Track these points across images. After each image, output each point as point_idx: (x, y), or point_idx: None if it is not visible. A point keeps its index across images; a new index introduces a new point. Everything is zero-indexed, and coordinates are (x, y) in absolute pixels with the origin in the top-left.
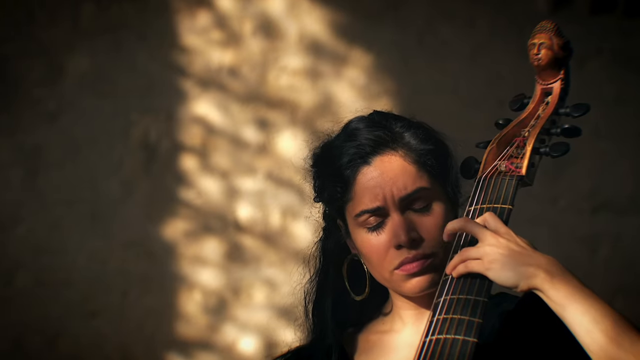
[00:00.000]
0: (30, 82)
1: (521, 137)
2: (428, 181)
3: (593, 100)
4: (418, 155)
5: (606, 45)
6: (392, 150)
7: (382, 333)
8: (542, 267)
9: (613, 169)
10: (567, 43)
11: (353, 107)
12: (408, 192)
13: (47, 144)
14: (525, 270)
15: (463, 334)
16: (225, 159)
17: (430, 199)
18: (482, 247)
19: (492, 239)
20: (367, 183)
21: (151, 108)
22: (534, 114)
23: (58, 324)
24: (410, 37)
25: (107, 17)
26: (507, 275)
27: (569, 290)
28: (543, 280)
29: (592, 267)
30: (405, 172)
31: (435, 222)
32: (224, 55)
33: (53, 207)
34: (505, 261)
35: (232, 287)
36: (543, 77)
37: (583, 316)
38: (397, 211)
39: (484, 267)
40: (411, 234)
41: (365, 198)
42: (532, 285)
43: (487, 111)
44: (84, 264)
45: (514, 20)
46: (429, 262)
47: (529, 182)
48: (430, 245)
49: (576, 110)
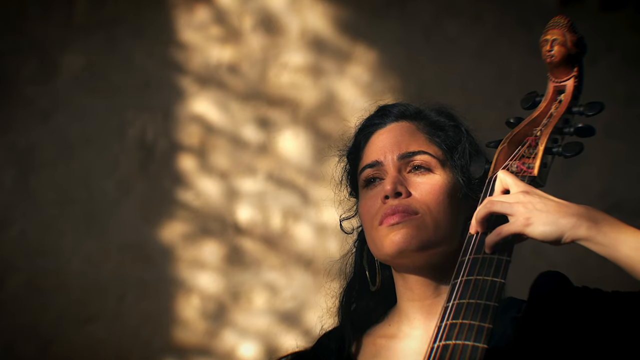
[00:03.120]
0: (22, 80)
1: (533, 136)
2: (436, 152)
3: (604, 98)
4: (434, 129)
5: (617, 42)
6: (410, 121)
7: (389, 338)
8: (583, 216)
9: (625, 169)
10: (581, 39)
11: (357, 105)
12: (409, 150)
13: (40, 143)
14: (567, 222)
15: (473, 340)
16: (224, 159)
17: (433, 167)
18: (514, 206)
19: (522, 196)
20: (376, 143)
21: (148, 106)
22: (546, 113)
23: (51, 329)
24: (416, 33)
25: (101, 12)
26: (550, 230)
27: (615, 231)
28: (588, 228)
29: (604, 271)
30: (413, 136)
31: (430, 185)
32: (223, 51)
33: (46, 209)
34: (544, 215)
35: (231, 292)
36: (556, 74)
37: (637, 251)
38: (394, 168)
39: (522, 225)
40: (398, 186)
41: (370, 155)
42: (578, 236)
43: (496, 109)
44: (78, 268)
45: (523, 16)
46: (410, 217)
47: (541, 183)
48: (417, 203)
49: (590, 109)
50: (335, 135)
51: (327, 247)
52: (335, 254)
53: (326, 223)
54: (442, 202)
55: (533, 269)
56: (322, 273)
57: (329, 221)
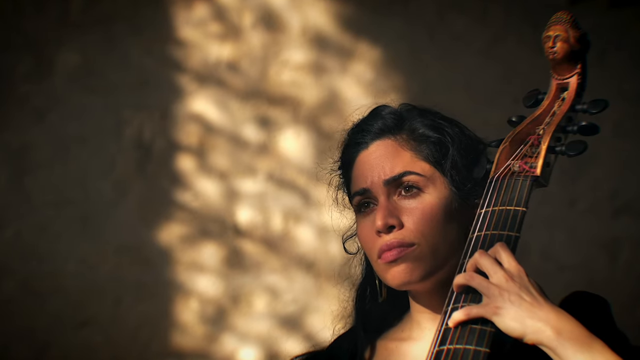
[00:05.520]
0: (17, 78)
1: (536, 135)
2: (424, 169)
3: (613, 96)
4: (419, 142)
5: (626, 40)
6: (392, 136)
7: (400, 341)
8: (550, 323)
9: (635, 169)
10: (584, 35)
11: (359, 104)
12: (393, 174)
13: (35, 142)
14: (533, 325)
15: (474, 344)
16: (223, 159)
17: (422, 187)
18: (491, 288)
19: (503, 280)
20: (361, 167)
21: (145, 105)
22: (549, 111)
23: (47, 333)
24: (420, 30)
25: (98, 8)
26: (514, 327)
27: (575, 347)
28: (550, 338)
29: (612, 273)
30: (397, 156)
31: (421, 210)
32: (222, 49)
33: (41, 210)
34: (513, 311)
35: (231, 295)
36: (559, 71)
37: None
38: (383, 195)
39: (491, 313)
40: (388, 220)
41: (357, 180)
42: (539, 341)
43: (502, 108)
44: (74, 270)
45: (530, 12)
46: (408, 251)
47: (544, 183)
48: (412, 234)
49: (594, 107)
50: (337, 134)
51: (329, 249)
52: (337, 257)
53: (328, 225)
54: (436, 224)
55: (540, 272)
56: (324, 276)
57: (331, 223)
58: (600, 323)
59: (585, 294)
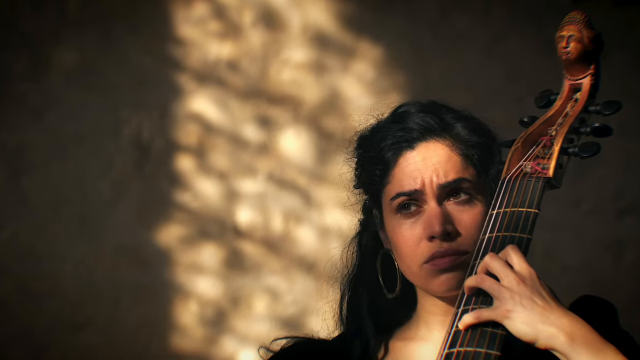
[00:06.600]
0: (14, 77)
1: (548, 136)
2: (473, 175)
3: (617, 96)
4: (466, 147)
5: (631, 38)
6: (440, 138)
7: (408, 340)
8: (563, 328)
9: (639, 170)
10: (598, 35)
11: (361, 103)
12: (449, 180)
13: (32, 142)
14: (545, 330)
15: (485, 347)
16: (223, 159)
17: (472, 193)
18: (503, 291)
19: (515, 283)
20: (407, 167)
21: (144, 104)
22: (561, 112)
23: (45, 335)
24: (423, 28)
25: (96, 7)
26: (526, 331)
27: (590, 353)
28: (563, 343)
29: (617, 273)
30: (450, 161)
31: (474, 217)
32: (222, 47)
33: (38, 210)
34: (524, 315)
35: (230, 297)
36: (572, 72)
37: None
38: (434, 199)
39: (501, 316)
40: (446, 226)
41: (403, 181)
42: (552, 347)
43: (505, 108)
44: (72, 271)
45: (533, 10)
46: (461, 260)
47: (556, 185)
48: (466, 242)
49: (607, 108)
50: (338, 134)
51: (329, 250)
52: (338, 258)
53: (329, 225)
54: (480, 232)
55: (544, 272)
56: (325, 277)
57: (332, 223)
58: (610, 328)
59: (594, 298)
